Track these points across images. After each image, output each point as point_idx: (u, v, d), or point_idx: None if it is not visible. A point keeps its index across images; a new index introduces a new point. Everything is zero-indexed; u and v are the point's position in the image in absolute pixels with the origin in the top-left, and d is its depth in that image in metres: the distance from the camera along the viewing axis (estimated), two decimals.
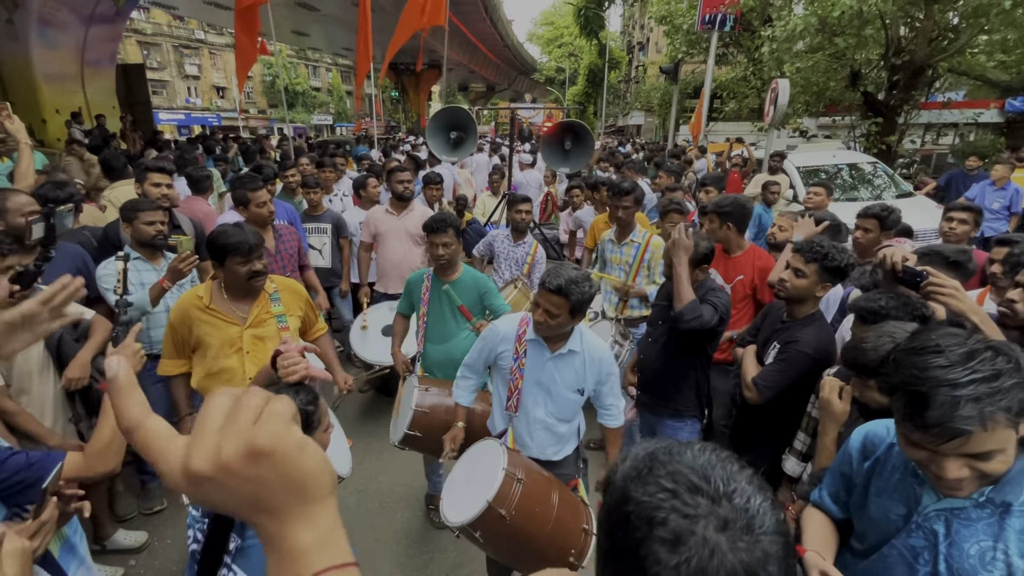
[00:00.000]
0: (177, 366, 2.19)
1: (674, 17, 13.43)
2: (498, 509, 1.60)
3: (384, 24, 20.84)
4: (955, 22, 8.87)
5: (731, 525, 0.48)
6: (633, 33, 37.43)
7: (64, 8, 10.52)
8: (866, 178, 7.71)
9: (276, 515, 0.42)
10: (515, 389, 1.97)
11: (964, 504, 0.98)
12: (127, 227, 2.72)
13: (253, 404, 0.42)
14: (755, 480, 0.53)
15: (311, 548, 0.42)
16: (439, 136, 5.31)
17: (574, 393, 1.96)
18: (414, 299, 2.82)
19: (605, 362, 1.96)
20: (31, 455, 1.27)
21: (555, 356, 1.93)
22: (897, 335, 1.42)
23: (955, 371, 0.89)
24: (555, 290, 1.76)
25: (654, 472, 0.53)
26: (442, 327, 2.74)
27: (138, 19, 30.79)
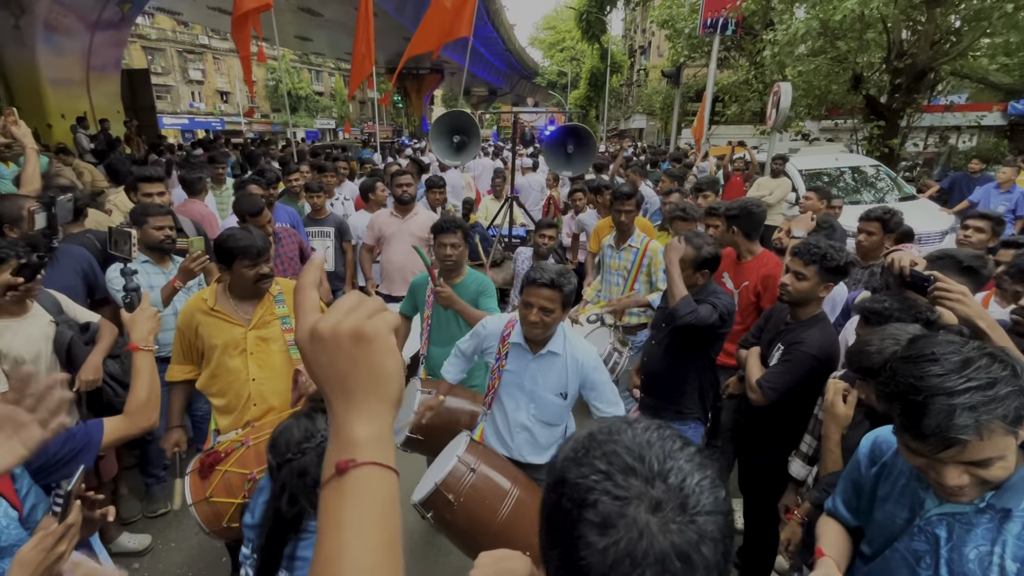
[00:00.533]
0: (184, 371, 2.20)
1: (676, 21, 13.48)
2: (446, 494, 1.65)
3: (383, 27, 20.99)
4: (957, 25, 8.88)
5: (663, 506, 0.47)
6: (635, 37, 37.55)
7: (70, 14, 10.62)
8: (869, 181, 7.71)
9: (351, 397, 0.50)
10: (492, 388, 2.00)
11: (965, 509, 0.98)
12: (136, 231, 2.74)
13: (373, 305, 0.52)
14: (697, 458, 0.52)
15: (367, 440, 0.49)
16: (442, 140, 5.33)
17: (557, 396, 1.95)
18: (418, 301, 2.83)
19: (588, 366, 1.95)
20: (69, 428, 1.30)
21: (537, 358, 1.94)
22: (901, 338, 1.41)
23: (951, 379, 0.88)
24: (548, 283, 1.78)
25: (590, 454, 0.52)
26: (446, 329, 2.75)
27: (143, 24, 31.02)
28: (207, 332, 2.11)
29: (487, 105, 45.26)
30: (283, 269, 3.41)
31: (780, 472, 2.09)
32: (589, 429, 0.57)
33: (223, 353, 2.11)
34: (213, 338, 2.11)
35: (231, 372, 2.12)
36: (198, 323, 2.12)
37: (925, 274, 1.57)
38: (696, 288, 2.31)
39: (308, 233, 4.14)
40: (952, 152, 11.48)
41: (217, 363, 2.12)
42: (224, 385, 2.13)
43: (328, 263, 4.23)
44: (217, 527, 1.95)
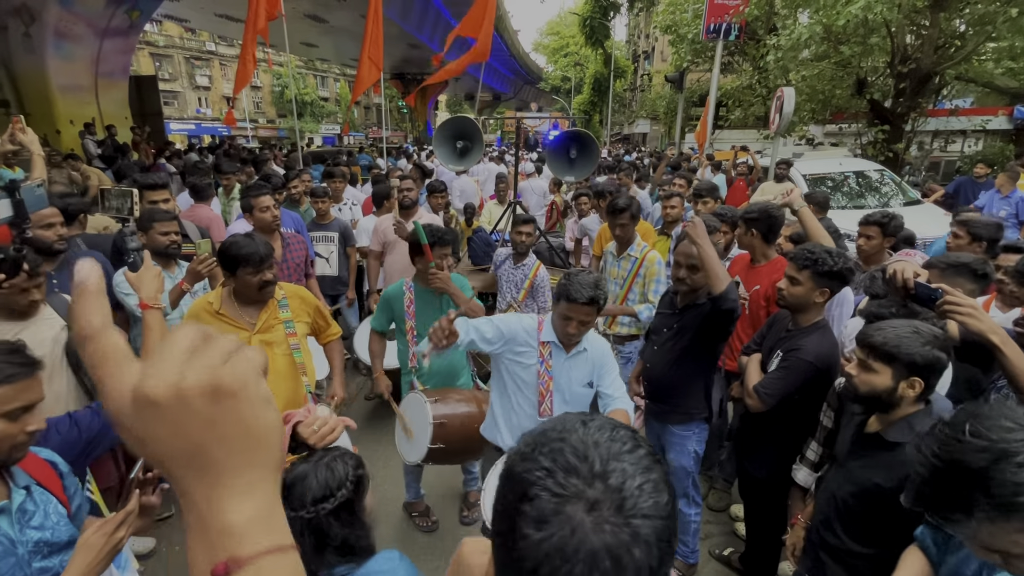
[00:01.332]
0: None
1: (679, 27, 13.52)
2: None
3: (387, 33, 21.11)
4: (961, 29, 8.86)
5: (599, 506, 0.48)
6: (638, 42, 37.65)
7: (80, 22, 10.76)
8: (873, 186, 7.68)
9: (212, 473, 0.37)
10: (547, 392, 1.98)
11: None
12: (142, 236, 2.77)
13: (225, 344, 0.39)
14: (645, 461, 0.52)
15: (248, 523, 0.37)
16: (446, 145, 5.36)
17: (585, 387, 2.02)
18: (396, 312, 2.71)
19: (608, 355, 2.07)
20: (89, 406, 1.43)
21: (570, 356, 2.00)
22: (922, 329, 1.42)
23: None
24: (588, 302, 1.84)
25: (537, 450, 0.52)
26: None
27: (151, 31, 31.37)
28: None
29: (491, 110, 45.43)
30: (288, 275, 3.43)
31: (780, 478, 2.09)
32: (544, 426, 0.56)
33: None
34: None
35: None
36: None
37: (932, 287, 1.54)
38: (696, 290, 2.32)
39: (312, 238, 4.16)
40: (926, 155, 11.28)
41: None
42: None
43: (332, 268, 4.26)
44: None
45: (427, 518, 2.98)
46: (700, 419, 2.42)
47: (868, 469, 1.49)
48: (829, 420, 1.98)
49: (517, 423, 2.07)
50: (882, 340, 1.42)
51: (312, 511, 1.13)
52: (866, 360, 1.46)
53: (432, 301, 2.70)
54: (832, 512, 1.58)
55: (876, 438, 1.50)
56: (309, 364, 2.35)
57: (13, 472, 1.22)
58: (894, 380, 1.42)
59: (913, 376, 1.41)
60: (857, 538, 1.51)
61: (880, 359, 1.43)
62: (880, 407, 1.48)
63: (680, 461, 2.45)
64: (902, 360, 1.40)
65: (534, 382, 1.98)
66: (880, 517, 1.46)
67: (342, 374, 2.54)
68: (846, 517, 1.54)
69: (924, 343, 1.39)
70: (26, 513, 1.20)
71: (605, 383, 2.02)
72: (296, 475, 1.18)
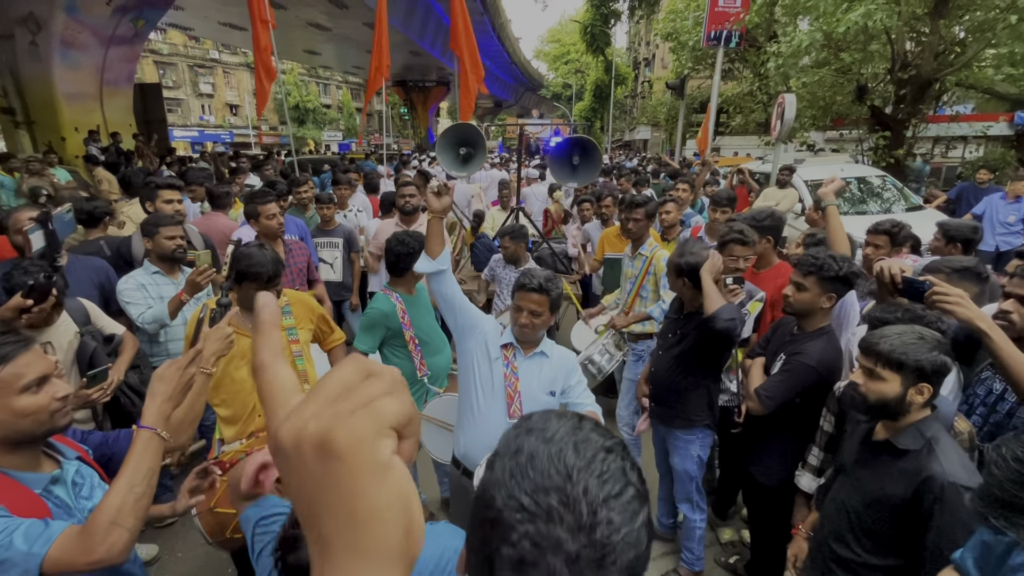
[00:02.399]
0: None
1: (680, 34, 13.60)
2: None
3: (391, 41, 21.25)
4: (961, 36, 8.90)
5: (580, 561, 0.46)
6: (639, 49, 37.87)
7: (85, 30, 10.86)
8: (875, 191, 7.69)
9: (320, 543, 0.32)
10: (515, 394, 1.95)
11: None
12: (148, 241, 2.78)
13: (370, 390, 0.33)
14: (633, 504, 0.49)
15: None
16: (449, 152, 5.39)
17: (547, 395, 1.98)
18: (392, 330, 2.61)
19: (575, 368, 2.04)
20: (107, 433, 1.48)
21: (528, 359, 1.97)
22: (926, 335, 1.42)
23: None
24: (536, 288, 1.84)
25: (517, 483, 0.49)
26: (436, 335, 2.73)
27: (155, 40, 31.66)
28: None
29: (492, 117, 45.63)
30: (291, 281, 3.44)
31: (783, 486, 2.07)
32: (519, 443, 0.51)
33: (228, 363, 2.12)
34: None
35: (236, 382, 2.14)
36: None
37: (920, 279, 1.56)
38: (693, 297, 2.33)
39: (317, 244, 4.18)
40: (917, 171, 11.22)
41: (222, 372, 2.13)
42: (229, 395, 2.15)
43: (336, 273, 4.27)
44: (220, 537, 1.95)
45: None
46: (703, 425, 2.41)
47: (880, 478, 1.47)
48: (830, 425, 1.97)
49: (484, 428, 1.98)
50: (889, 348, 1.42)
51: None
52: (873, 368, 1.45)
53: (419, 303, 2.70)
54: (844, 523, 1.56)
55: (886, 445, 1.49)
56: (311, 372, 2.35)
57: (62, 448, 1.31)
58: (903, 387, 1.41)
59: (922, 382, 1.40)
60: (872, 550, 1.49)
61: (888, 367, 1.42)
62: (888, 415, 1.47)
63: (684, 465, 2.44)
64: (910, 367, 1.39)
65: (501, 384, 1.95)
66: (895, 527, 1.44)
67: None
68: (859, 528, 1.52)
69: (931, 349, 1.39)
70: (76, 484, 1.27)
71: (573, 394, 2.01)
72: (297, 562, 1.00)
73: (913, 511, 1.38)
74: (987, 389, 1.68)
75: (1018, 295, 1.54)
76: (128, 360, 2.40)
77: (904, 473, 1.41)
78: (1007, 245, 6.00)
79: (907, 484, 1.39)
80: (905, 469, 1.41)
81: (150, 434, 1.18)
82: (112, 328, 2.44)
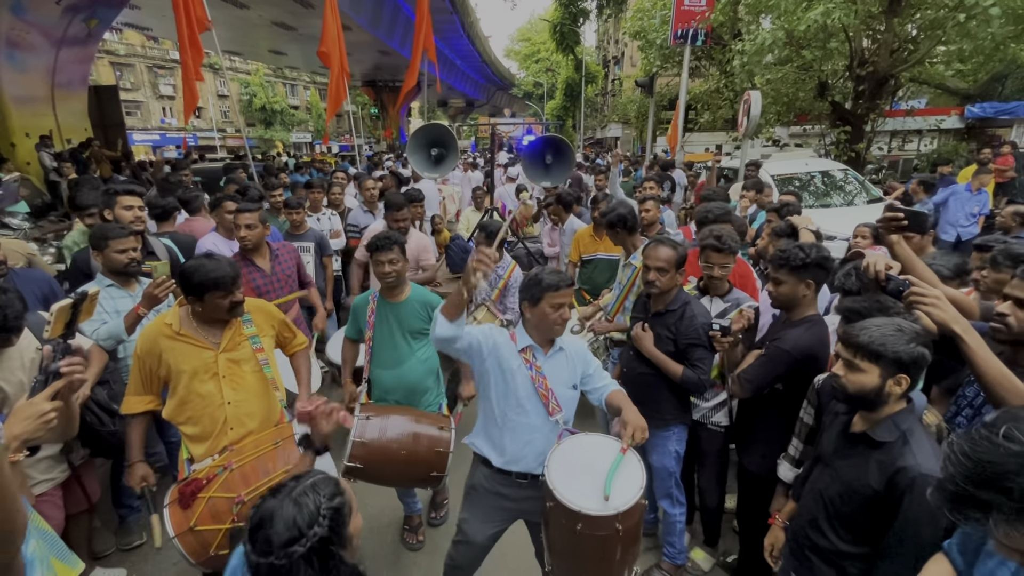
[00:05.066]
0: (143, 403, 2.07)
1: (647, 32, 13.79)
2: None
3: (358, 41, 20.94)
4: (914, 34, 9.26)
5: None
6: (608, 48, 38.23)
7: (33, 30, 10.35)
8: (838, 184, 7.94)
9: None
10: (548, 393, 1.91)
11: None
12: (98, 255, 2.62)
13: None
14: None
15: None
16: (420, 153, 5.33)
17: (570, 389, 1.97)
18: (360, 323, 2.66)
19: (586, 352, 2.07)
20: None
21: (549, 357, 1.95)
22: (904, 326, 1.45)
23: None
24: (569, 284, 1.88)
25: None
26: (392, 351, 2.59)
27: (111, 40, 30.42)
28: (173, 358, 2.01)
29: (464, 116, 45.43)
30: (280, 287, 3.33)
31: (770, 475, 2.11)
32: None
33: (192, 379, 2.02)
34: (180, 364, 2.01)
35: (203, 397, 2.03)
36: (162, 349, 2.01)
37: (901, 279, 1.60)
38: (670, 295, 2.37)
39: None
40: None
41: (186, 389, 2.02)
42: (196, 412, 2.03)
43: None
44: (204, 557, 1.88)
45: (415, 535, 2.92)
46: (676, 424, 2.44)
47: (856, 468, 1.51)
48: (809, 417, 2.01)
49: (518, 436, 1.94)
50: (868, 339, 1.45)
51: (281, 556, 1.00)
52: (852, 360, 1.48)
53: (394, 313, 2.59)
54: (820, 512, 1.59)
55: (863, 437, 1.52)
56: (278, 378, 2.26)
57: None
58: (882, 379, 1.44)
59: (900, 374, 1.43)
60: (846, 538, 1.53)
61: (867, 358, 1.45)
62: (867, 406, 1.50)
63: (663, 462, 2.47)
64: (888, 358, 1.42)
65: (531, 388, 1.91)
66: (869, 516, 1.47)
67: (308, 384, 2.47)
68: (835, 517, 1.55)
69: (909, 340, 1.42)
70: None
71: (593, 379, 2.02)
72: (265, 512, 1.05)
73: (885, 501, 1.42)
74: (976, 391, 1.69)
75: (1016, 297, 1.50)
76: (95, 374, 2.28)
77: (879, 464, 1.45)
78: (968, 235, 6.28)
79: (881, 475, 1.43)
80: (880, 460, 1.45)
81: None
82: (78, 342, 2.32)
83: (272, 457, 2.01)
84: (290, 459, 1.94)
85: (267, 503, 1.07)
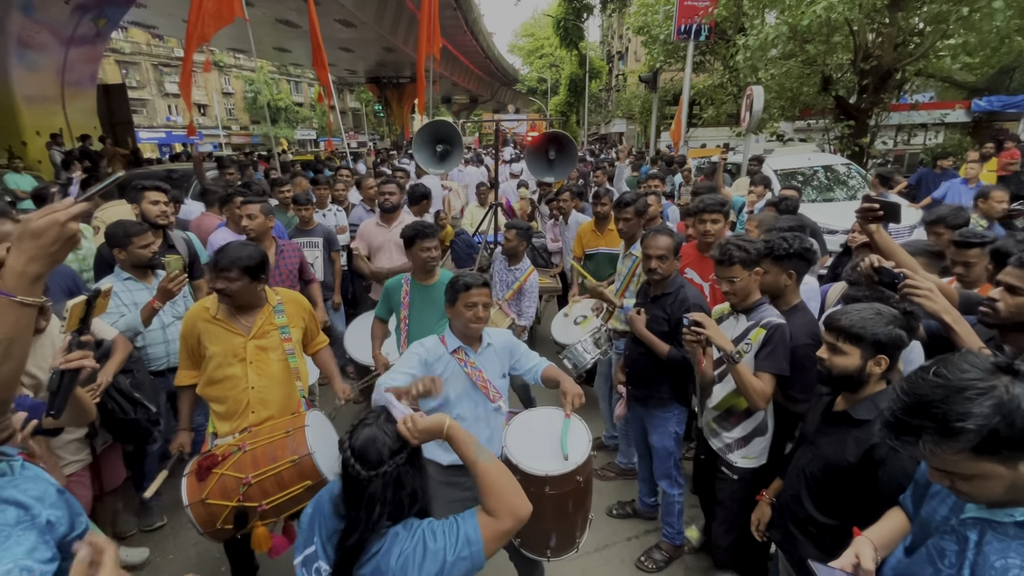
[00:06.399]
0: (191, 376, 2.27)
1: (651, 28, 13.75)
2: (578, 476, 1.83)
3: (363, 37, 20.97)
4: (920, 27, 9.23)
5: None
6: (612, 43, 38.09)
7: (44, 30, 10.50)
8: (841, 179, 7.97)
9: None
10: (486, 383, 2.04)
11: (1004, 520, 0.98)
12: (120, 252, 2.74)
13: None
14: None
15: None
16: (425, 149, 5.41)
17: (501, 379, 2.10)
18: (393, 304, 2.90)
19: (512, 343, 2.17)
20: None
21: (479, 353, 2.07)
22: (883, 311, 1.54)
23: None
24: (482, 283, 2.01)
25: None
26: (428, 328, 2.74)
27: (116, 38, 30.58)
28: (207, 339, 2.18)
29: (468, 113, 45.41)
30: (281, 281, 3.44)
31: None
32: None
33: (222, 360, 2.17)
34: (213, 345, 2.17)
35: (230, 379, 2.18)
36: (200, 331, 2.18)
37: (895, 271, 1.68)
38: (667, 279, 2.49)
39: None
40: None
41: (215, 369, 2.17)
42: (223, 391, 2.18)
43: (317, 273, 4.27)
44: (211, 528, 1.99)
45: None
46: (676, 405, 2.54)
47: (835, 446, 1.60)
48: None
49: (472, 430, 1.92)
50: (849, 323, 1.53)
51: (392, 463, 1.23)
52: (835, 343, 1.57)
53: (427, 295, 2.79)
54: (802, 486, 1.69)
55: (844, 416, 1.61)
56: (303, 368, 2.38)
57: None
58: (862, 359, 1.53)
59: (879, 354, 1.52)
60: (823, 510, 1.62)
61: (848, 341, 1.54)
62: (850, 387, 1.59)
63: (663, 443, 2.57)
64: (868, 340, 1.51)
65: (469, 385, 2.02)
66: (845, 490, 1.56)
67: (339, 375, 2.60)
68: (815, 491, 1.64)
69: (887, 323, 1.51)
70: None
71: (522, 362, 2.15)
72: (364, 439, 1.25)
73: (860, 475, 1.52)
74: None
75: (1007, 284, 1.57)
76: (118, 363, 2.38)
77: (856, 440, 1.54)
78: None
79: (858, 450, 1.52)
80: (858, 437, 1.54)
81: (6, 301, 0.96)
82: (103, 333, 2.43)
83: (283, 446, 2.08)
84: (298, 449, 2.02)
85: (364, 431, 1.27)
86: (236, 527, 1.97)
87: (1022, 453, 0.90)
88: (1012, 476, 0.92)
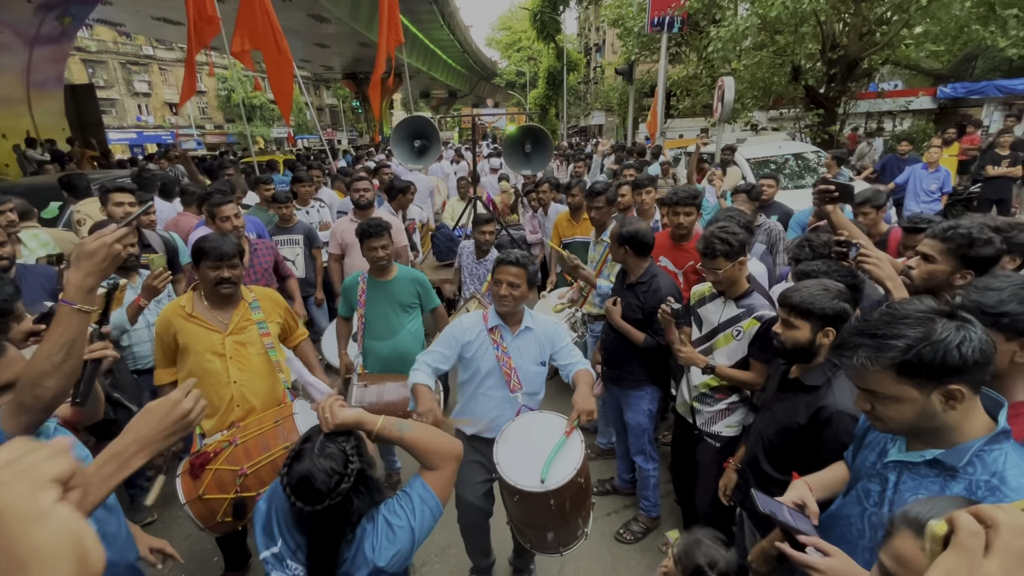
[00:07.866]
0: (170, 374, 2.30)
1: (626, 20, 13.88)
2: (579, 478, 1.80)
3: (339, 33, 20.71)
4: (885, 17, 9.52)
5: None
6: (589, 35, 38.17)
7: (6, 30, 10.21)
8: (811, 166, 8.20)
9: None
10: (510, 371, 2.10)
11: (917, 460, 1.10)
12: None
13: (28, 459, 0.38)
14: None
15: None
16: (403, 145, 5.45)
17: (538, 366, 2.16)
18: (351, 302, 2.95)
19: (557, 334, 2.20)
20: None
21: (516, 336, 2.14)
22: (830, 287, 1.68)
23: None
24: (514, 262, 2.04)
25: None
26: (385, 324, 2.88)
27: (82, 36, 29.68)
28: (184, 337, 2.21)
29: (447, 108, 45.17)
30: (256, 279, 3.49)
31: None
32: None
33: (200, 357, 2.21)
34: (190, 343, 2.21)
35: (211, 375, 2.22)
36: (176, 329, 2.22)
37: (853, 241, 1.85)
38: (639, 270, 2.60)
39: (277, 242, 4.21)
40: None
41: (194, 366, 2.22)
42: (205, 388, 2.21)
43: (298, 270, 4.31)
44: (211, 522, 2.05)
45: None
46: (649, 385, 2.68)
47: (789, 410, 1.73)
48: None
49: (487, 407, 2.15)
50: (799, 299, 1.66)
51: (337, 495, 1.17)
52: (788, 318, 1.70)
53: (384, 291, 2.86)
54: (760, 449, 1.83)
55: (796, 383, 1.75)
56: (284, 362, 2.44)
57: None
58: (812, 332, 1.66)
59: (827, 327, 1.65)
60: (778, 468, 1.76)
61: (799, 316, 1.67)
62: (803, 357, 1.72)
63: (637, 419, 2.70)
64: (816, 314, 1.64)
65: (496, 366, 2.11)
66: (797, 449, 1.70)
67: (321, 369, 2.66)
68: (770, 451, 1.79)
69: (832, 297, 1.64)
70: None
71: (562, 355, 2.19)
72: (299, 477, 1.17)
73: (809, 434, 1.66)
74: None
75: (922, 252, 1.76)
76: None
77: (806, 404, 1.67)
78: (930, 211, 6.58)
79: (807, 412, 1.66)
80: (808, 401, 1.68)
81: (69, 309, 1.15)
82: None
83: (273, 435, 2.15)
84: (289, 436, 2.09)
85: (298, 466, 1.19)
86: (236, 518, 2.03)
87: (937, 383, 1.02)
88: (923, 403, 1.04)
